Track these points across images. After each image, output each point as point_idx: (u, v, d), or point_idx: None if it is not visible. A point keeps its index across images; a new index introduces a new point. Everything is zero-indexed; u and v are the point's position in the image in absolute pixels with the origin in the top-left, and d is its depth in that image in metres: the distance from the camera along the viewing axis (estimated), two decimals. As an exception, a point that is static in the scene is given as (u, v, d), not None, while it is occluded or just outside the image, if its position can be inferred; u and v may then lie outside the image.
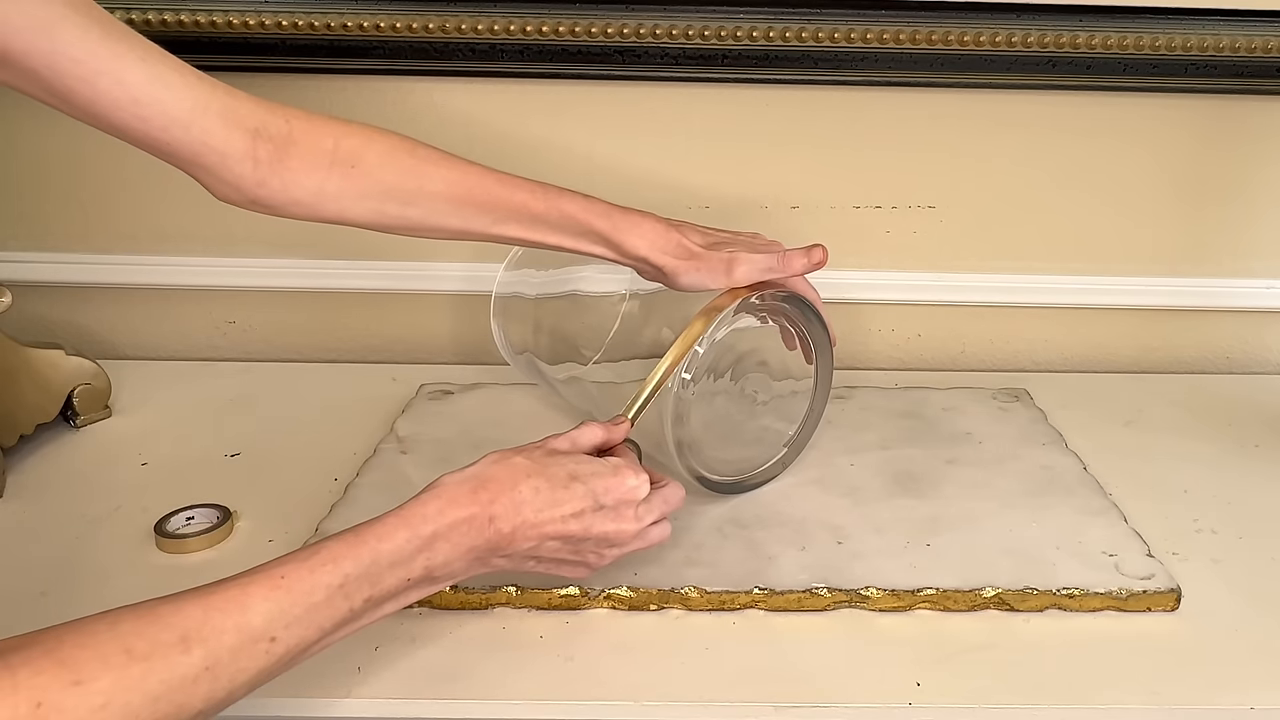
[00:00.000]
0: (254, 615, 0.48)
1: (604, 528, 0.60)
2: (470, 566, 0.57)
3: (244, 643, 0.47)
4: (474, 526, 0.56)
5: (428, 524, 0.55)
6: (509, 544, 0.58)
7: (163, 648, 0.44)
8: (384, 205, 0.69)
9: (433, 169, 0.70)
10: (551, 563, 0.61)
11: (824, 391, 0.81)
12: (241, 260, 1.05)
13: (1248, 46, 0.95)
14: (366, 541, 0.53)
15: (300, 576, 0.50)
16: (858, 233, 1.03)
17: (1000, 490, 0.79)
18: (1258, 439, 0.91)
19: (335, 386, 0.99)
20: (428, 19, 0.94)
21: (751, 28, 0.94)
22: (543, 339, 0.88)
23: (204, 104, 0.61)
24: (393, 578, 0.53)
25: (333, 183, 0.67)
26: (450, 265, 1.04)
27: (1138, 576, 0.68)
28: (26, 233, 1.04)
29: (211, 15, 0.93)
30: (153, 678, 0.43)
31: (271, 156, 0.64)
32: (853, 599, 0.67)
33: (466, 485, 0.57)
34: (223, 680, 0.46)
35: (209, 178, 0.64)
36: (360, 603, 0.52)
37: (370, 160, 0.67)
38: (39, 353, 0.87)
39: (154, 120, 0.59)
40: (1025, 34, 0.94)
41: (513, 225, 0.71)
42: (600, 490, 0.60)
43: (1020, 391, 0.97)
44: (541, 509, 0.58)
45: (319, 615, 0.50)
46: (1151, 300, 1.06)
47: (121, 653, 0.43)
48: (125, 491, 0.80)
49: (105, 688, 0.42)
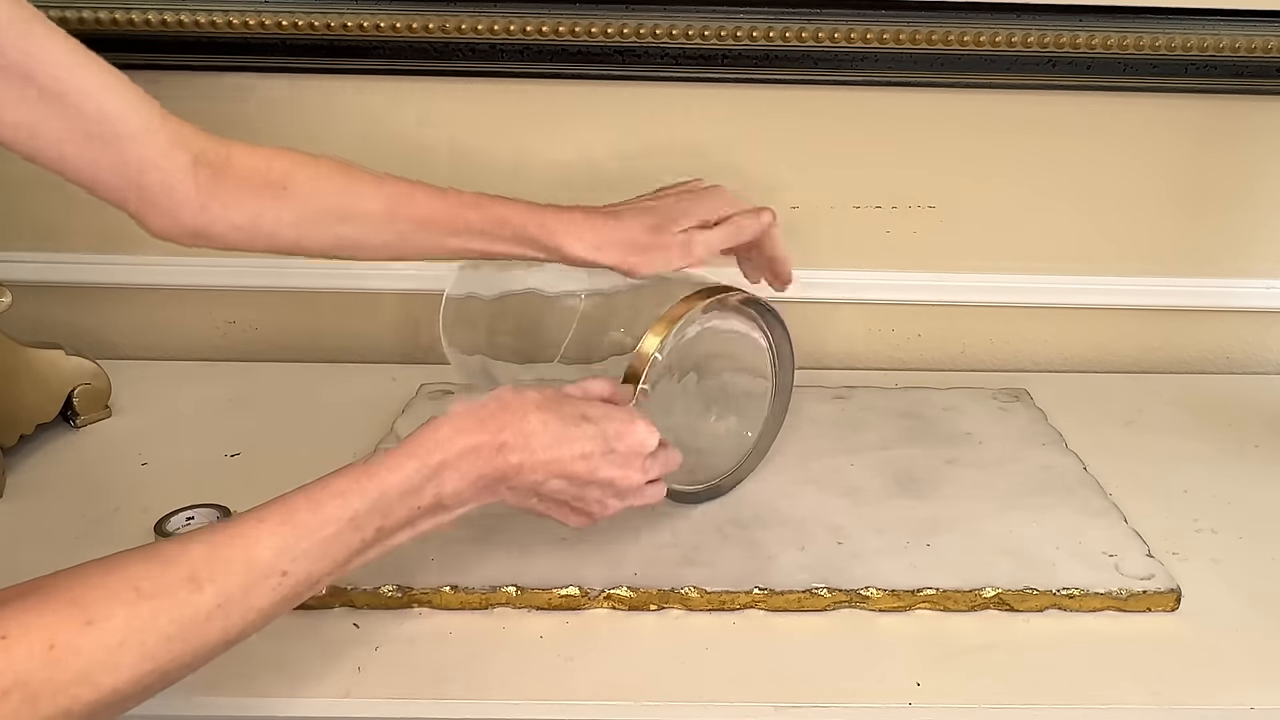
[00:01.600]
0: (263, 550, 0.48)
1: (610, 473, 0.59)
2: (479, 494, 0.57)
3: (255, 579, 0.47)
4: (482, 455, 0.56)
5: (437, 451, 0.54)
6: (516, 475, 0.57)
7: (171, 586, 0.44)
8: (320, 226, 0.67)
9: (365, 187, 0.69)
10: (553, 504, 0.61)
11: (785, 392, 0.79)
12: (241, 260, 1.04)
13: (1248, 46, 0.95)
14: (376, 474, 0.52)
15: (309, 511, 0.50)
16: (858, 233, 1.03)
17: (1000, 490, 0.79)
18: (1258, 439, 0.91)
19: (335, 386, 0.99)
20: (428, 19, 0.94)
21: (751, 28, 0.94)
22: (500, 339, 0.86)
23: (151, 125, 0.60)
24: (403, 508, 0.53)
25: (268, 205, 0.66)
26: (450, 265, 1.04)
27: (1138, 576, 0.68)
28: (26, 233, 1.03)
29: (212, 15, 0.93)
30: (164, 616, 0.44)
31: (211, 181, 0.63)
32: (853, 599, 0.67)
33: (477, 414, 0.56)
34: (235, 616, 0.46)
35: (146, 203, 0.62)
36: (372, 533, 0.52)
37: (301, 180, 0.67)
38: (39, 353, 0.87)
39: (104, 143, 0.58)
40: (1025, 34, 0.94)
41: (451, 239, 0.70)
42: (612, 434, 0.60)
43: (1020, 391, 0.97)
44: (550, 444, 0.57)
45: (331, 548, 0.50)
46: (1151, 300, 1.06)
47: (131, 591, 0.43)
48: (125, 491, 0.80)
49: (119, 625, 0.42)
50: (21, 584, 0.43)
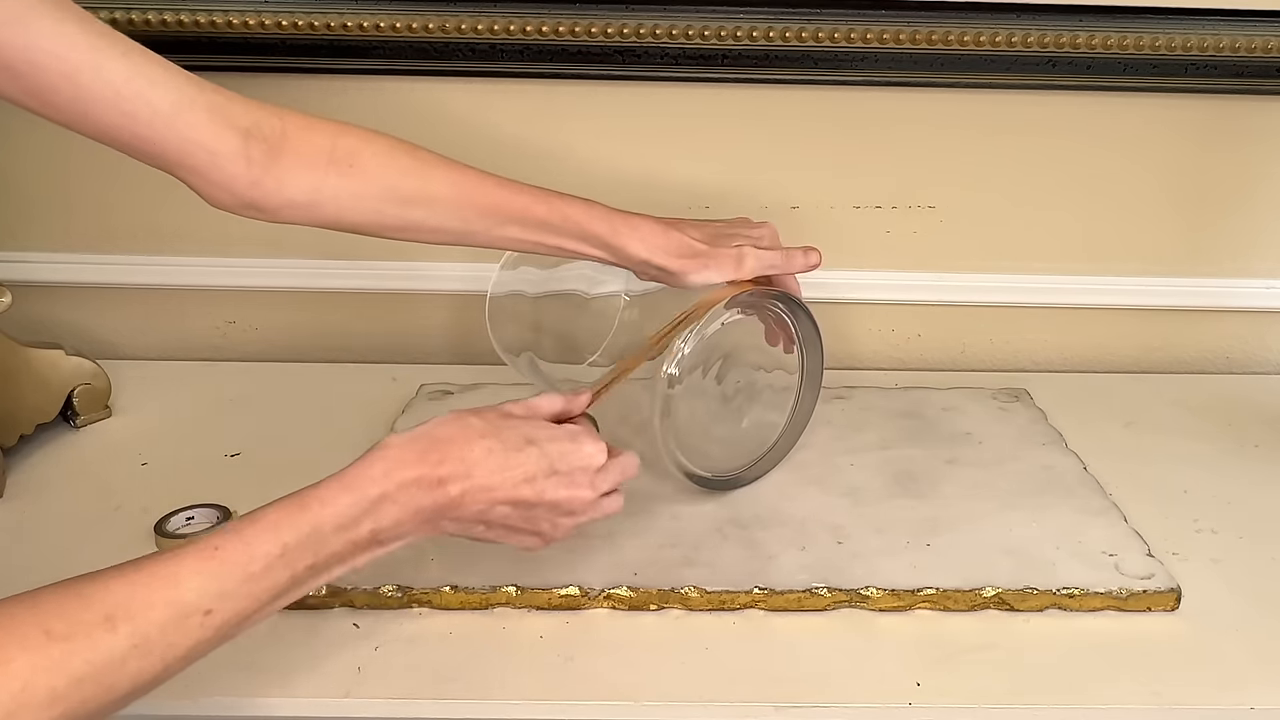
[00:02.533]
0: (185, 590, 0.46)
1: (557, 494, 0.58)
2: (418, 528, 0.55)
3: (175, 617, 0.45)
4: (422, 487, 0.54)
5: (374, 486, 0.53)
6: (457, 507, 0.56)
7: (85, 626, 0.42)
8: (383, 206, 0.67)
9: (434, 170, 0.68)
10: (501, 529, 0.59)
11: (813, 387, 0.81)
12: (241, 260, 1.05)
13: (1248, 46, 0.95)
14: (309, 507, 0.51)
15: (236, 548, 0.48)
16: (858, 233, 1.03)
17: (1000, 490, 0.79)
18: (1258, 439, 0.91)
19: (335, 386, 0.99)
20: (428, 19, 0.94)
21: (751, 28, 0.94)
22: (542, 339, 0.88)
23: (189, 99, 0.59)
24: (337, 542, 0.52)
25: (330, 182, 0.65)
26: (450, 265, 1.04)
27: (1138, 576, 0.68)
28: (26, 233, 1.03)
29: (211, 15, 0.93)
30: (76, 658, 0.42)
31: (265, 156, 0.62)
32: (853, 599, 0.67)
33: (415, 445, 0.55)
34: (153, 657, 0.44)
35: (200, 180, 0.62)
36: (302, 569, 0.50)
37: (368, 159, 0.66)
38: (39, 353, 0.87)
39: (138, 115, 0.57)
40: (1025, 34, 0.94)
41: (514, 228, 0.70)
42: (555, 455, 0.58)
43: (1020, 391, 0.97)
44: (494, 471, 0.56)
45: (256, 586, 0.48)
46: (1151, 300, 1.06)
47: (40, 634, 0.41)
48: (125, 491, 0.80)
49: (21, 670, 0.40)
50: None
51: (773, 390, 0.80)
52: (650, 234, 0.71)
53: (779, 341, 0.78)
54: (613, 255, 0.72)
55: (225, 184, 0.62)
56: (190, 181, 0.62)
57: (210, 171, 0.61)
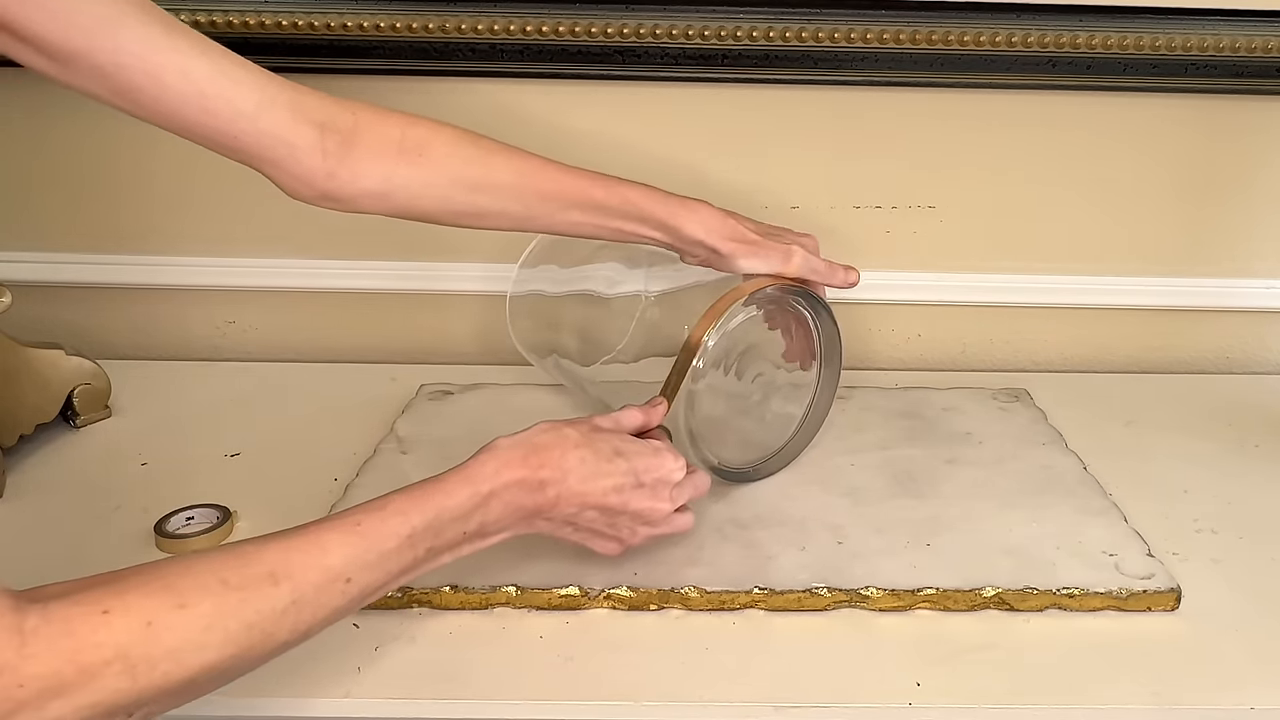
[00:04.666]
0: (333, 557, 0.51)
1: (640, 505, 0.63)
2: (517, 525, 0.60)
3: (325, 581, 0.50)
4: (525, 488, 0.59)
5: (485, 483, 0.58)
6: (553, 508, 0.60)
7: (254, 580, 0.47)
8: (452, 193, 0.70)
9: (498, 158, 0.72)
10: (587, 533, 0.64)
11: (831, 383, 0.82)
12: (241, 260, 1.05)
13: (1248, 46, 0.95)
14: (432, 497, 0.56)
15: (374, 525, 0.53)
16: (858, 233, 1.03)
17: (1000, 490, 0.79)
18: (1258, 439, 0.91)
19: (335, 386, 0.99)
20: (428, 19, 0.94)
21: (751, 28, 0.94)
22: (563, 337, 0.89)
23: (270, 97, 0.62)
24: (452, 531, 0.56)
25: (401, 171, 0.68)
26: (450, 265, 1.04)
27: (1138, 576, 0.68)
28: (26, 233, 1.04)
29: (211, 15, 0.93)
30: (247, 607, 0.47)
31: (339, 148, 0.65)
32: (853, 599, 0.67)
33: (519, 450, 0.60)
34: (305, 614, 0.49)
35: (279, 172, 0.65)
36: (423, 552, 0.55)
37: (437, 148, 0.69)
38: (39, 353, 0.87)
39: (221, 114, 0.60)
40: (1025, 34, 0.94)
41: (575, 212, 0.73)
42: (641, 468, 0.63)
43: (1020, 391, 0.97)
44: (586, 479, 0.60)
45: (389, 561, 0.53)
46: (1151, 300, 1.06)
47: (218, 583, 0.46)
48: (125, 491, 0.80)
49: (207, 611, 0.45)
50: (115, 571, 0.45)
51: (792, 386, 0.81)
52: (708, 217, 0.75)
53: (796, 357, 0.80)
54: (670, 236, 0.75)
55: (304, 176, 0.65)
56: (269, 174, 0.65)
57: (289, 165, 0.64)
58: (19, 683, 0.40)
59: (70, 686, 0.41)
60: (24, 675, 0.40)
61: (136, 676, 0.42)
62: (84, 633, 0.42)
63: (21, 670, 0.40)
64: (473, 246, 1.04)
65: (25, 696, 0.40)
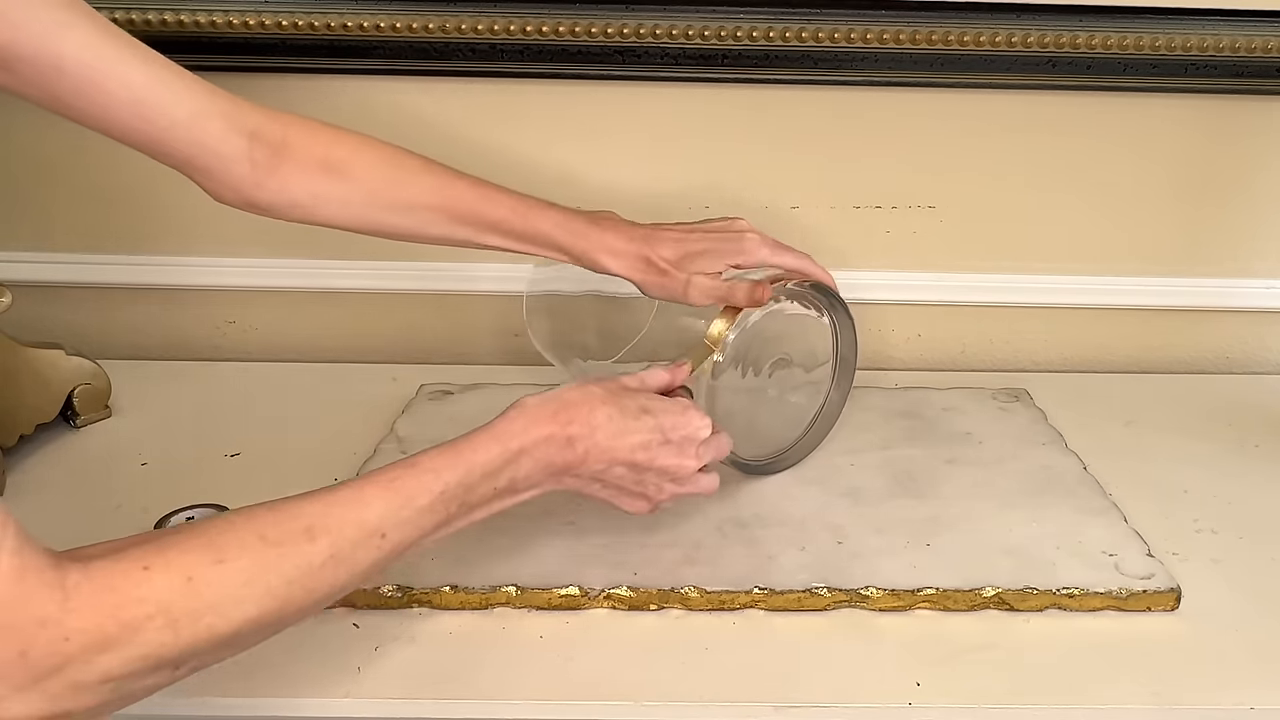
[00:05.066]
0: (370, 512, 0.52)
1: (667, 461, 0.63)
2: (545, 481, 0.61)
3: (362, 536, 0.51)
4: (553, 444, 0.60)
5: (514, 440, 0.58)
6: (581, 464, 0.61)
7: (293, 535, 0.48)
8: (370, 212, 0.72)
9: (417, 179, 0.73)
10: (614, 489, 0.64)
11: (846, 378, 0.83)
12: (241, 260, 1.05)
13: (1248, 46, 0.95)
14: (463, 454, 0.57)
15: (407, 482, 0.54)
16: (858, 233, 1.03)
17: (1000, 490, 0.79)
18: (1258, 439, 0.91)
19: (335, 386, 0.99)
20: (428, 19, 0.94)
21: (751, 28, 0.94)
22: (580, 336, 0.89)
23: (204, 107, 0.64)
24: (484, 487, 0.57)
25: (324, 188, 0.70)
26: (450, 265, 1.04)
27: (1138, 576, 0.68)
28: (26, 233, 1.04)
29: (211, 15, 0.93)
30: (286, 562, 0.48)
31: (268, 160, 0.67)
32: (853, 599, 0.67)
33: (548, 406, 0.61)
34: (343, 569, 0.50)
35: (207, 179, 0.67)
36: (456, 508, 0.56)
37: (358, 169, 0.71)
38: (39, 353, 0.87)
39: (157, 121, 0.62)
40: (1025, 34, 0.94)
41: (493, 237, 0.75)
42: (668, 425, 0.63)
43: (1020, 391, 0.97)
44: (613, 435, 0.61)
45: (423, 517, 0.54)
46: (1151, 300, 1.06)
47: (257, 539, 0.47)
48: (125, 491, 0.80)
49: (246, 566, 0.46)
50: (153, 531, 0.47)
51: (807, 381, 0.82)
52: (616, 243, 0.75)
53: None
54: (586, 265, 0.76)
55: (232, 185, 0.67)
56: (198, 180, 0.67)
57: (218, 174, 0.66)
58: (64, 636, 0.40)
59: (114, 640, 0.41)
60: (69, 629, 0.41)
61: (179, 630, 0.43)
62: (126, 588, 0.42)
63: (66, 624, 0.41)
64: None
65: (71, 650, 0.40)
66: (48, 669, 0.40)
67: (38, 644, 0.40)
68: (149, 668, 0.43)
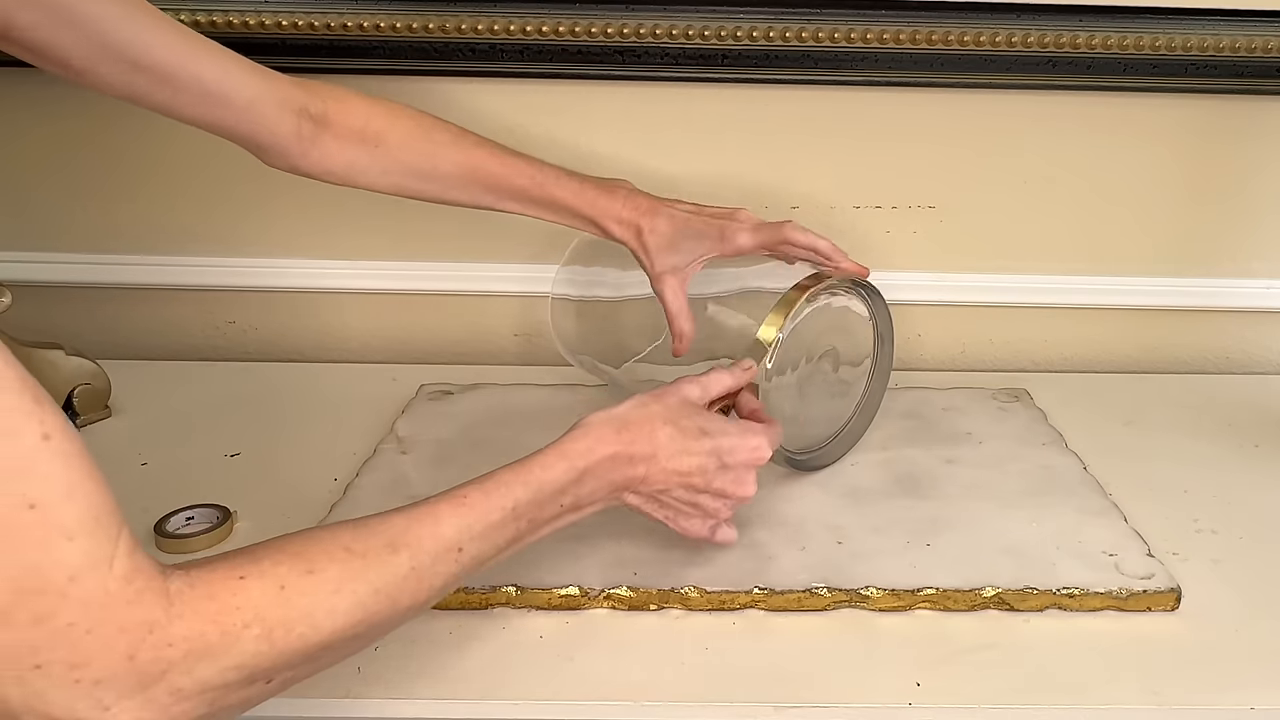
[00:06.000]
0: (446, 528, 0.53)
1: (723, 485, 0.64)
2: (608, 498, 0.62)
3: (440, 550, 0.52)
4: (616, 464, 0.61)
5: (581, 459, 0.59)
6: (642, 483, 0.62)
7: (376, 549, 0.49)
8: (404, 180, 0.79)
9: (444, 152, 0.79)
10: (672, 510, 0.65)
11: (886, 363, 0.85)
12: (241, 260, 1.05)
13: (1248, 46, 0.95)
14: (533, 472, 0.58)
15: (480, 499, 0.55)
16: (858, 233, 1.03)
17: (1000, 490, 0.79)
18: (1258, 439, 0.91)
19: (335, 386, 0.99)
20: (428, 19, 0.94)
21: (751, 28, 0.94)
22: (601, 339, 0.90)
23: (260, 93, 0.71)
24: (552, 505, 0.58)
25: (361, 158, 0.77)
26: (450, 265, 1.04)
27: (1138, 576, 0.68)
28: (26, 233, 1.04)
29: (211, 15, 0.93)
30: (371, 572, 0.48)
31: (312, 134, 0.74)
32: (853, 599, 0.67)
33: (611, 425, 0.61)
34: (424, 582, 0.51)
35: (263, 152, 0.74)
36: (525, 525, 0.57)
37: (392, 141, 0.77)
38: (39, 353, 0.87)
39: (220, 110, 0.69)
40: (1025, 34, 0.94)
41: (513, 204, 0.81)
42: (725, 449, 0.64)
43: (1020, 391, 0.97)
44: (673, 456, 0.62)
45: (495, 534, 0.55)
46: (1151, 300, 1.06)
47: (343, 551, 0.48)
48: (125, 491, 0.78)
49: (335, 576, 0.47)
50: (245, 546, 0.47)
51: (841, 380, 0.83)
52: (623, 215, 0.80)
53: None
54: (597, 232, 0.82)
55: (282, 156, 0.74)
56: (254, 153, 0.75)
57: (271, 148, 0.74)
58: (168, 642, 0.41)
59: (214, 649, 0.42)
60: (172, 635, 0.41)
61: (274, 640, 0.44)
62: (224, 596, 0.43)
63: (170, 630, 0.41)
64: (474, 248, 1.04)
65: (174, 656, 0.41)
66: (153, 675, 0.40)
67: (144, 648, 0.40)
68: (245, 679, 0.43)
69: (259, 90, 0.71)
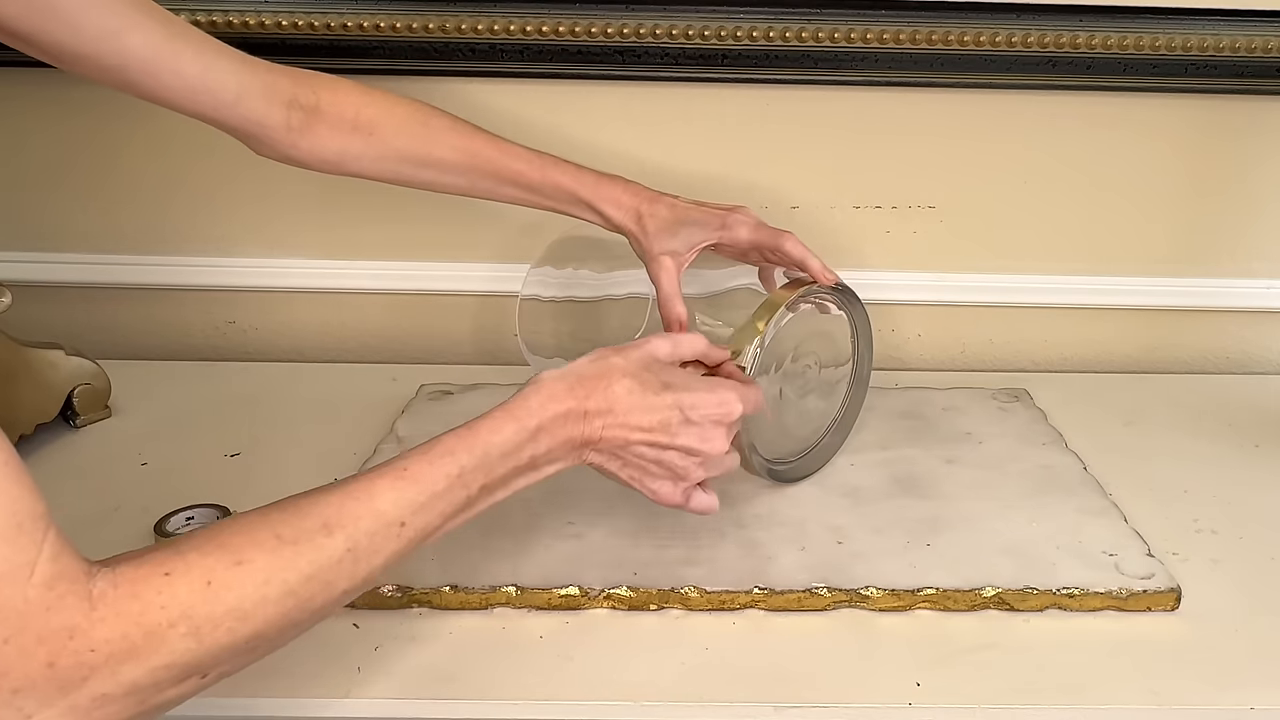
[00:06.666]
0: (384, 502, 0.51)
1: (688, 441, 0.62)
2: (567, 456, 0.60)
3: (379, 527, 0.51)
4: (570, 419, 0.59)
5: (531, 417, 0.58)
6: (599, 439, 0.60)
7: (308, 532, 0.48)
8: (399, 167, 0.78)
9: (441, 137, 0.78)
10: (637, 469, 0.63)
11: (864, 370, 0.84)
12: (241, 260, 1.05)
13: (1248, 46, 0.95)
14: (479, 435, 0.56)
15: (422, 468, 0.53)
16: (858, 233, 1.03)
17: (1000, 490, 0.79)
18: (1258, 439, 0.91)
19: (335, 386, 0.99)
20: (428, 19, 0.94)
21: (751, 28, 0.94)
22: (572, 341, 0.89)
23: (247, 86, 0.70)
24: (503, 467, 0.57)
25: (354, 146, 0.76)
26: (450, 265, 1.04)
27: (1138, 576, 0.68)
28: (26, 233, 1.04)
29: (211, 15, 0.93)
30: (303, 559, 0.47)
31: (303, 124, 0.74)
32: (853, 599, 0.67)
33: (564, 381, 0.60)
34: (362, 562, 0.50)
35: (252, 142, 0.74)
36: (476, 490, 0.55)
37: (387, 129, 0.77)
38: (39, 353, 0.87)
39: (208, 103, 0.69)
40: (1025, 34, 0.94)
41: (510, 190, 0.80)
42: (689, 403, 0.62)
43: (1020, 391, 0.97)
44: (631, 410, 0.60)
45: (440, 502, 0.53)
46: (1151, 300, 1.06)
47: (273, 538, 0.47)
48: (125, 491, 0.80)
49: (264, 566, 0.46)
50: (175, 538, 0.47)
51: (825, 382, 0.82)
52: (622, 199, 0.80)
53: None
54: (593, 217, 0.81)
55: (272, 146, 0.74)
56: (244, 142, 0.74)
57: (260, 138, 0.73)
58: (90, 647, 0.40)
59: (139, 650, 0.41)
60: (95, 639, 0.40)
61: (202, 636, 0.43)
62: (149, 595, 0.42)
63: (92, 634, 0.40)
64: (473, 247, 1.04)
65: (97, 661, 0.40)
66: (74, 681, 0.40)
67: (64, 654, 0.40)
68: (175, 677, 0.43)
69: (245, 83, 0.70)
